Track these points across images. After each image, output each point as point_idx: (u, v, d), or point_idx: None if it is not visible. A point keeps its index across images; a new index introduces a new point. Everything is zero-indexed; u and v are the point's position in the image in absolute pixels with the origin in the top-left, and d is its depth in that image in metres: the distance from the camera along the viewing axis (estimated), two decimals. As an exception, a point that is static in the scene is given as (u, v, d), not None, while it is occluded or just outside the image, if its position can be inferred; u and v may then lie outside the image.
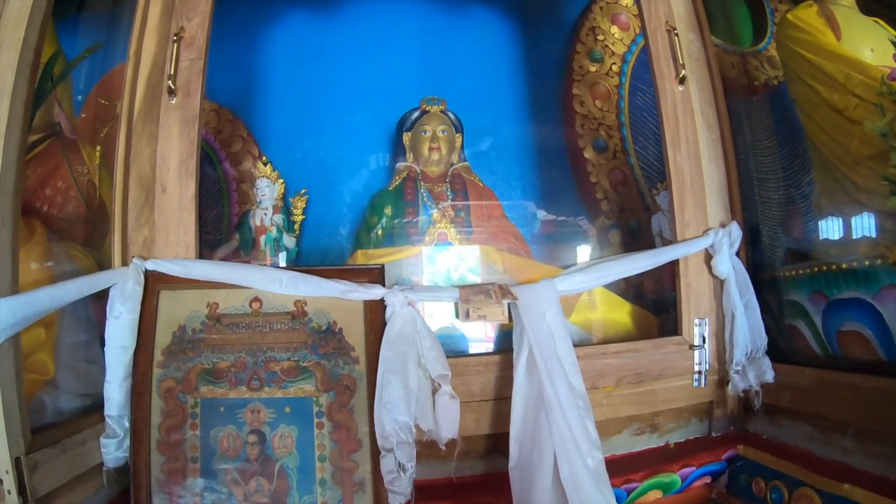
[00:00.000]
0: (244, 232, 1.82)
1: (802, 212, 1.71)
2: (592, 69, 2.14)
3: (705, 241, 1.65)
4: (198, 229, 1.50)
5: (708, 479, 1.65)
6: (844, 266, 1.47)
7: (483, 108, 2.05)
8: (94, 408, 1.37)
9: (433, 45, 2.15)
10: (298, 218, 1.88)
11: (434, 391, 1.38)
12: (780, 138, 1.79)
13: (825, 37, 1.66)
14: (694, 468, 1.59)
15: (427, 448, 1.39)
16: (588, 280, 1.57)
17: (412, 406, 1.32)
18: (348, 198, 1.91)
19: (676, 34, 1.73)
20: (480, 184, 1.92)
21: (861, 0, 1.72)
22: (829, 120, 1.58)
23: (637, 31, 2.36)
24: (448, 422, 1.38)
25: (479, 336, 1.83)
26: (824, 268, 1.53)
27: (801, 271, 1.62)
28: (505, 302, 1.43)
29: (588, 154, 2.05)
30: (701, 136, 1.74)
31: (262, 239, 1.82)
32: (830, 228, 1.61)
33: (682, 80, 1.72)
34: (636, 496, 1.53)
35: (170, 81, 1.51)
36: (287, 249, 2.03)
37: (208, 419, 1.34)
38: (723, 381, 1.69)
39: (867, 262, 1.43)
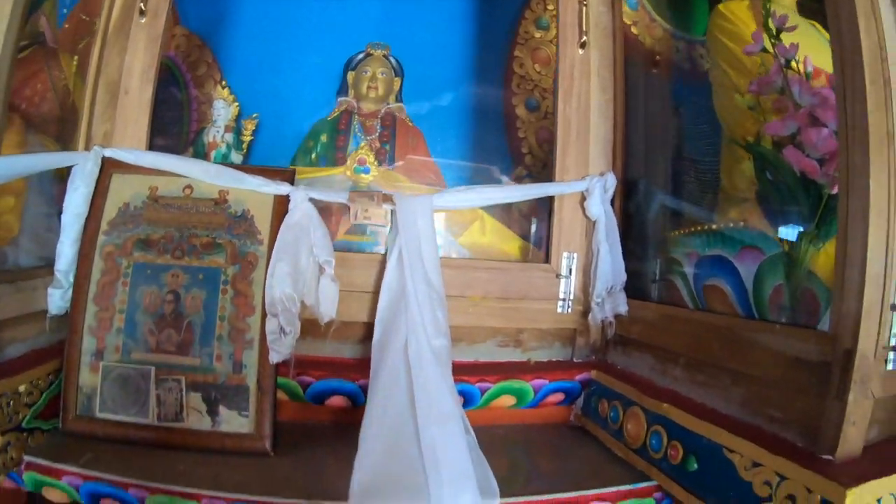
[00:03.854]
0: (198, 147, 2.01)
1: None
2: (537, 35, 2.23)
3: (581, 185, 1.84)
4: (150, 128, 1.77)
5: (561, 396, 1.82)
6: (714, 227, 1.63)
7: (429, 58, 2.16)
8: (48, 268, 1.56)
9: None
10: (247, 138, 2.04)
11: (320, 275, 1.62)
12: (693, 117, 1.90)
13: (749, 29, 1.80)
14: (546, 382, 1.77)
15: (312, 326, 1.63)
16: (463, 199, 1.77)
17: (299, 283, 1.55)
18: (295, 127, 2.06)
19: (586, 4, 1.92)
20: (410, 123, 2.08)
21: (803, 1, 1.85)
22: (731, 101, 1.70)
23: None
24: (328, 301, 1.61)
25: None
26: (697, 228, 1.69)
27: (678, 231, 1.77)
28: (385, 206, 1.68)
29: (520, 111, 2.19)
30: (593, 96, 1.92)
31: (213, 154, 2.01)
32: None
33: (583, 45, 1.91)
34: (491, 397, 1.72)
35: (141, 4, 1.78)
36: (234, 165, 2.16)
37: (137, 279, 1.58)
38: (587, 312, 1.86)
39: (731, 225, 1.57)
